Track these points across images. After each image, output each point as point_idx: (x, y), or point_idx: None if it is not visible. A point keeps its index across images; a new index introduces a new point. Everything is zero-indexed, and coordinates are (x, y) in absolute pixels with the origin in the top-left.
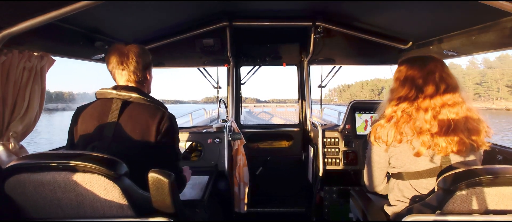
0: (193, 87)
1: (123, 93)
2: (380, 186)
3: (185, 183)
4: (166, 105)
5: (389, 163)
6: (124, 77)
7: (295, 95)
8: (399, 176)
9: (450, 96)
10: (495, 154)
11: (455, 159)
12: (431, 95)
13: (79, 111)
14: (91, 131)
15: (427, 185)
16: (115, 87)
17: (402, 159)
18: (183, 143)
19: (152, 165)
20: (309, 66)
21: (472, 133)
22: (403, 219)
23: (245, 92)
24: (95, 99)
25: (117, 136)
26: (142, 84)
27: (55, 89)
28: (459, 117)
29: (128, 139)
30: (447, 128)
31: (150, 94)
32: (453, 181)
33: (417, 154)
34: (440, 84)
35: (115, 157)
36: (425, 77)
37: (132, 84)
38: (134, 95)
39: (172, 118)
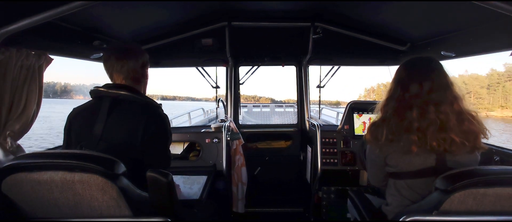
0: (203, 85)
1: (112, 91)
2: (382, 183)
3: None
4: (177, 102)
5: (386, 163)
6: (123, 74)
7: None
8: (395, 175)
9: (436, 95)
10: (492, 155)
11: (450, 158)
12: (416, 93)
13: (74, 110)
14: (82, 130)
15: (424, 184)
16: (106, 85)
17: (397, 158)
18: (182, 143)
19: (141, 166)
20: (308, 67)
21: (467, 133)
22: (400, 219)
23: (259, 91)
24: (92, 96)
25: (106, 135)
26: (140, 83)
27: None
28: (447, 116)
29: (115, 138)
30: (434, 127)
31: (146, 94)
32: (451, 181)
33: (409, 153)
34: (424, 82)
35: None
36: (409, 75)
37: (129, 82)
38: (124, 92)
39: (162, 117)
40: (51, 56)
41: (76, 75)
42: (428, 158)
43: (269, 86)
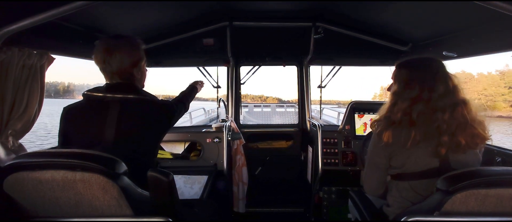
0: (208, 84)
1: (119, 96)
2: (379, 190)
3: (188, 99)
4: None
5: (390, 165)
6: (109, 74)
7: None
8: (398, 176)
9: (455, 96)
10: (494, 156)
11: (454, 159)
12: (445, 94)
13: (69, 111)
14: (88, 136)
15: (426, 186)
16: (108, 88)
17: (402, 159)
18: (183, 143)
19: (146, 165)
20: (309, 67)
21: (474, 133)
22: (401, 220)
23: (266, 91)
24: (84, 99)
25: (119, 139)
26: (133, 81)
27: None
28: (466, 116)
29: (131, 140)
30: (456, 127)
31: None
32: (452, 182)
33: (437, 154)
34: (449, 82)
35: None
36: (433, 77)
37: (120, 81)
38: (131, 96)
39: (168, 109)
40: (53, 56)
41: (79, 75)
42: (433, 159)
43: (276, 86)
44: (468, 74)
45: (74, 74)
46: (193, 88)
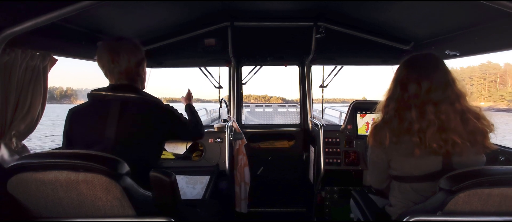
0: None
1: (120, 94)
2: (383, 184)
3: (200, 123)
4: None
5: (390, 166)
6: (116, 75)
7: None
8: (399, 178)
9: (435, 94)
10: (498, 155)
11: (457, 161)
12: (415, 93)
13: (73, 113)
14: (90, 135)
15: (428, 187)
16: (112, 88)
17: (401, 161)
18: (185, 143)
19: (149, 165)
20: (311, 66)
21: (474, 134)
22: (404, 219)
23: (271, 91)
24: (89, 100)
25: (120, 138)
26: (136, 82)
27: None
28: (448, 116)
29: (132, 140)
30: (434, 128)
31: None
32: (455, 181)
33: (412, 156)
34: (423, 81)
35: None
36: (408, 75)
37: (124, 82)
38: (132, 95)
39: (170, 111)
40: (56, 57)
41: (78, 77)
42: (434, 161)
43: (279, 85)
44: (495, 65)
45: (72, 78)
46: (188, 106)
